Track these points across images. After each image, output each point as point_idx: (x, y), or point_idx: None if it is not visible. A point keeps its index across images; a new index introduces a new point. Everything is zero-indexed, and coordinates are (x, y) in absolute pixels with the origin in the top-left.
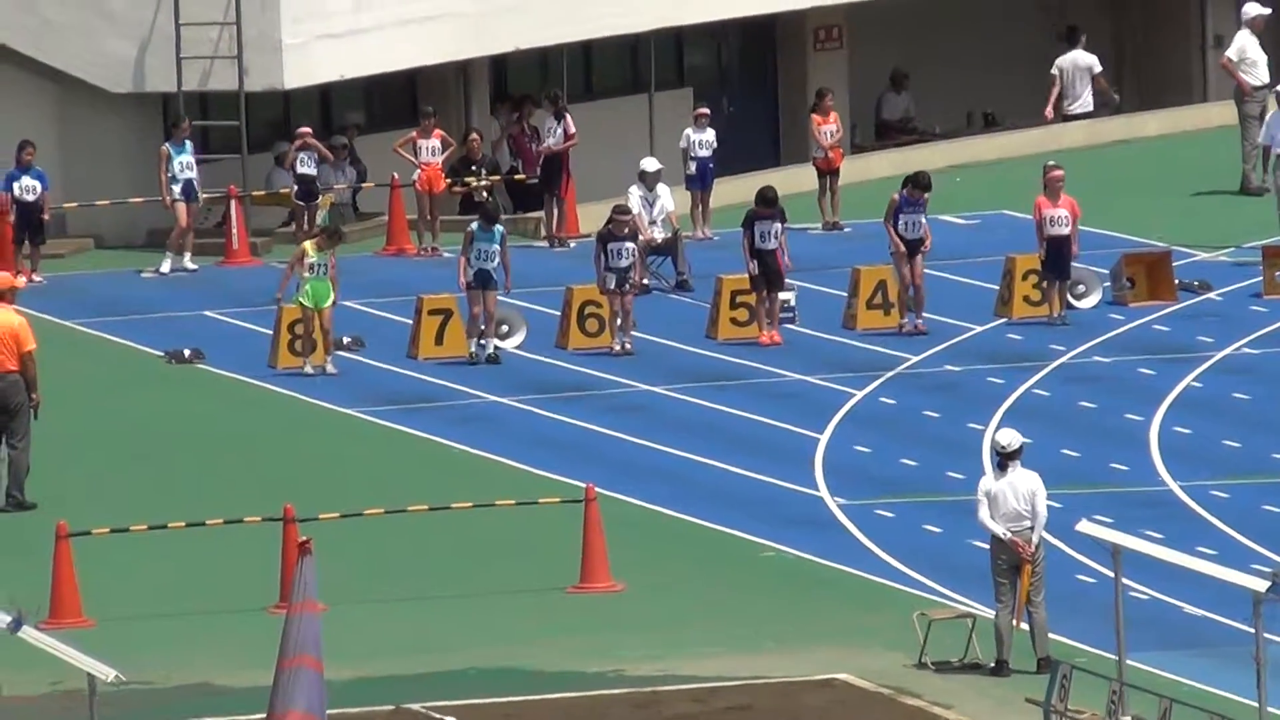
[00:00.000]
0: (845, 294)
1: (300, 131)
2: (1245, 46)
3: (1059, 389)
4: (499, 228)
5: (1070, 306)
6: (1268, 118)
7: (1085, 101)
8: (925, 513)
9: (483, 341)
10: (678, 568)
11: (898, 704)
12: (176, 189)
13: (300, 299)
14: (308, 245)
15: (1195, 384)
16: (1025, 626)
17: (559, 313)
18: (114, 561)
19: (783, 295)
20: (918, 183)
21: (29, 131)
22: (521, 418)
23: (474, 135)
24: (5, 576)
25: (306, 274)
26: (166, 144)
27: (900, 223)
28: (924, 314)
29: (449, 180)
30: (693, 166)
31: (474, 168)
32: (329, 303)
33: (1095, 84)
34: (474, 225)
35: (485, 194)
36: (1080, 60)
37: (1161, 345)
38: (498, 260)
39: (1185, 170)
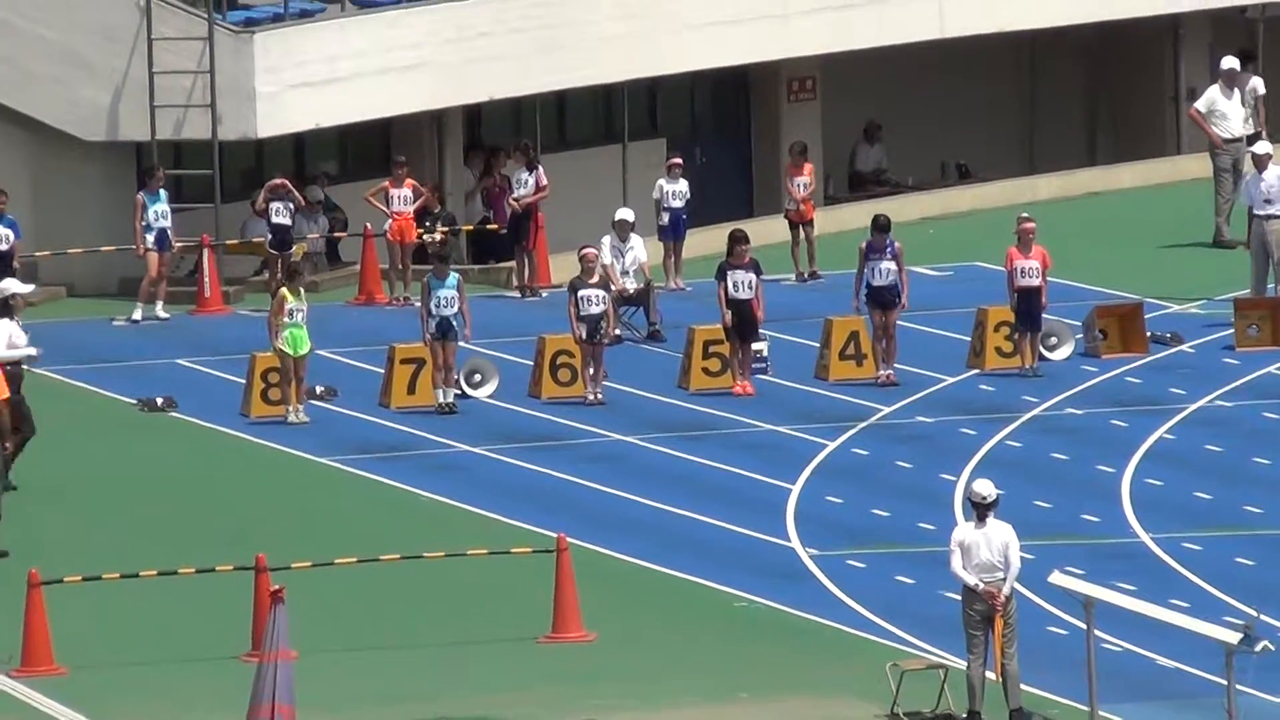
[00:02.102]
0: (818, 345)
1: (274, 182)
2: (1215, 99)
3: (1031, 440)
4: (454, 275)
5: (1042, 358)
6: (1246, 178)
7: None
8: (897, 563)
9: (443, 389)
10: (650, 618)
11: None
12: (150, 238)
13: (280, 345)
14: (286, 292)
15: (1167, 436)
16: (994, 677)
17: (531, 362)
18: (86, 609)
19: (756, 346)
20: (874, 224)
21: (1, 179)
22: (494, 467)
23: (426, 186)
24: None
25: (285, 319)
26: (141, 192)
27: (869, 269)
28: (896, 365)
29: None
30: (665, 217)
31: (428, 222)
32: (306, 350)
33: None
34: (428, 276)
35: (438, 244)
36: (1258, 86)
37: (1134, 397)
38: (457, 308)
39: (1158, 222)
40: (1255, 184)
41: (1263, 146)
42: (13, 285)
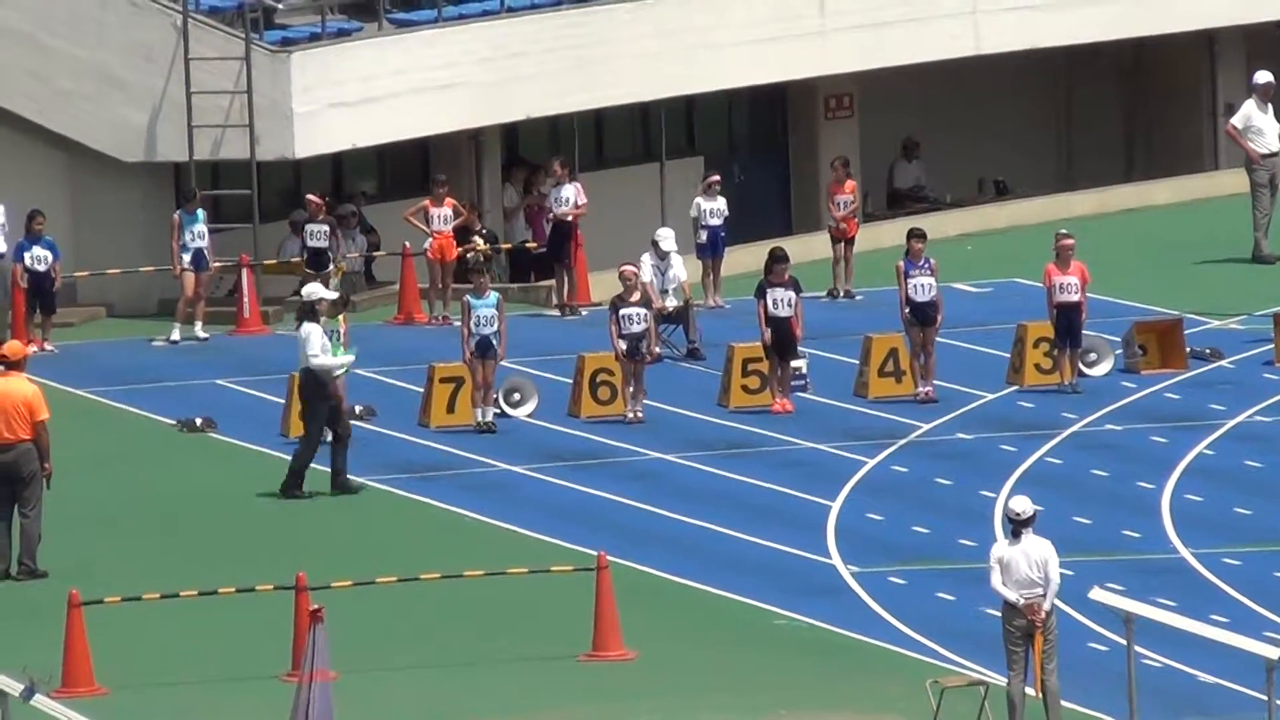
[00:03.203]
0: (857, 362)
1: (310, 199)
2: (1251, 114)
3: (1071, 457)
4: (494, 294)
5: (1082, 374)
6: None
7: None
8: (938, 580)
9: (483, 408)
10: (690, 636)
11: None
12: (187, 258)
13: None
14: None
15: (1207, 452)
16: (1035, 693)
17: (571, 380)
18: (126, 629)
19: (795, 363)
20: (911, 234)
21: (40, 201)
22: (534, 486)
23: (464, 205)
24: (18, 645)
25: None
26: (178, 212)
27: (910, 286)
28: (935, 382)
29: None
30: (704, 235)
31: (473, 237)
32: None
33: None
34: (468, 296)
35: (479, 258)
36: None
37: (1173, 413)
38: (496, 326)
39: (1196, 238)
40: None
41: None
42: (319, 290)
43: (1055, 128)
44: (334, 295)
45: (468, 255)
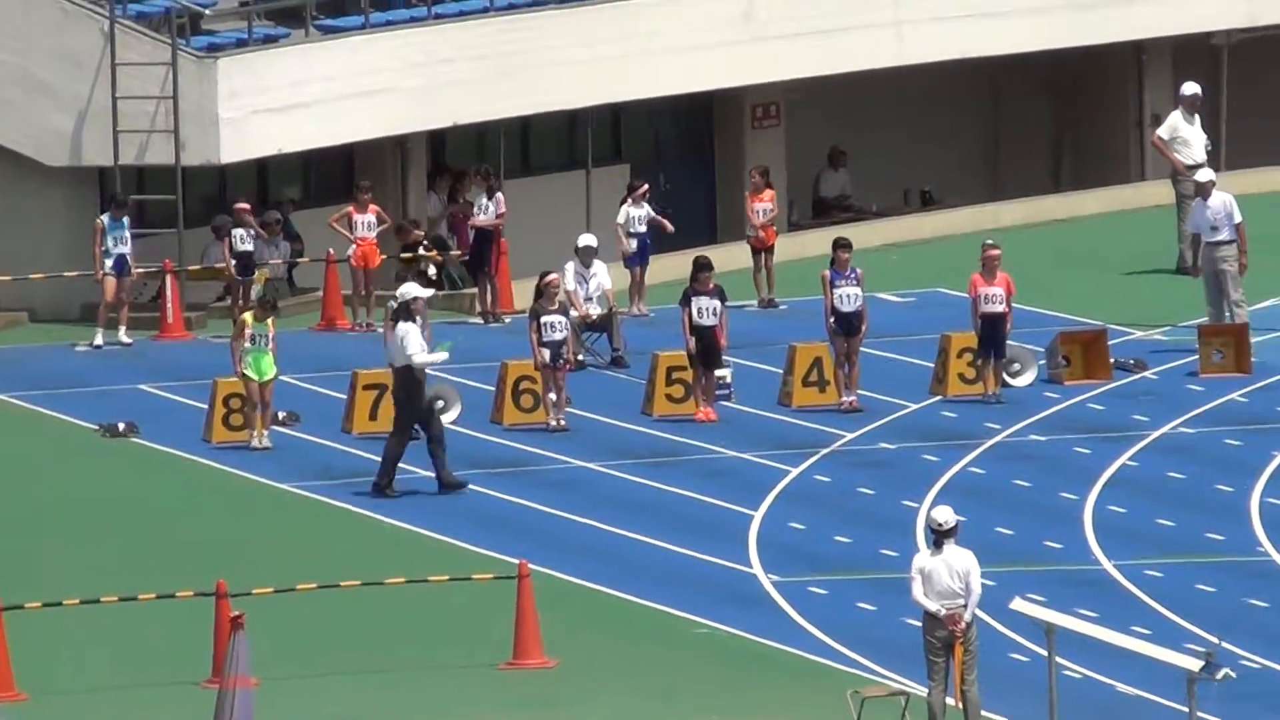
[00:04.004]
0: (781, 371)
1: (237, 207)
2: (1177, 125)
3: (993, 467)
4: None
5: (1005, 384)
6: (1192, 206)
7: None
8: (859, 590)
9: None
10: (611, 644)
11: None
12: (109, 263)
13: (245, 370)
14: (247, 316)
15: (1130, 463)
16: (955, 703)
17: (494, 388)
18: (47, 635)
19: (719, 372)
20: (836, 243)
21: None
22: (455, 493)
23: (409, 222)
24: None
25: (248, 345)
26: (104, 216)
27: (836, 296)
28: (859, 391)
29: (408, 256)
30: (633, 243)
31: (418, 247)
32: (271, 375)
33: None
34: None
35: (433, 267)
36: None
37: (1097, 424)
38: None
39: (1122, 249)
40: (1201, 211)
41: (1205, 174)
42: (414, 289)
43: (982, 138)
44: (429, 293)
45: (423, 266)
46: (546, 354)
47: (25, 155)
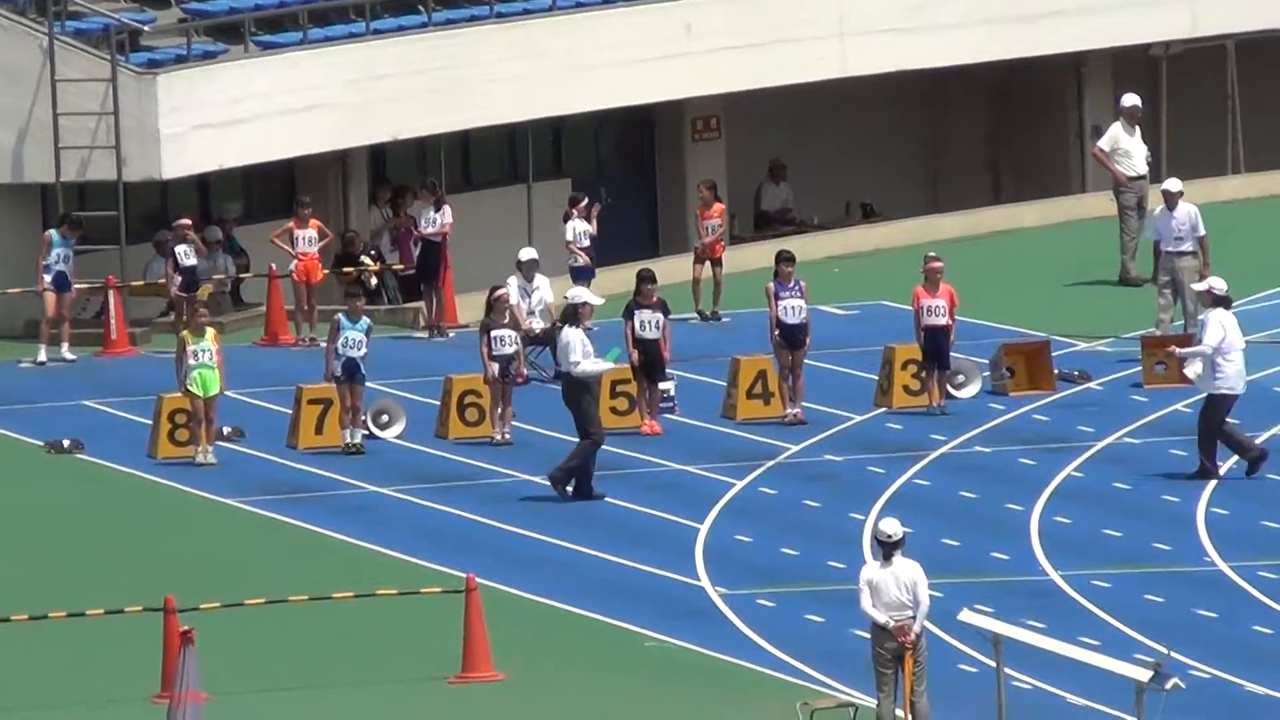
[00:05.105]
0: (725, 384)
1: (180, 223)
2: (1118, 137)
3: (939, 479)
4: (366, 320)
5: (950, 396)
6: (1154, 213)
7: None
8: (807, 602)
9: (351, 429)
10: (560, 657)
11: None
12: (48, 278)
13: (190, 387)
14: (186, 335)
15: (1076, 474)
16: (904, 715)
17: (439, 402)
18: None
19: (663, 385)
20: (779, 256)
21: None
22: (402, 507)
23: (352, 234)
24: None
25: (192, 361)
26: (52, 230)
27: (781, 308)
28: (803, 403)
29: (347, 270)
30: (581, 258)
31: (360, 257)
32: (216, 391)
33: None
34: (340, 315)
35: (374, 279)
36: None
37: (1042, 435)
38: (364, 351)
39: (1064, 260)
40: (1166, 220)
41: (1174, 184)
42: (583, 294)
43: (923, 150)
44: (599, 300)
45: (362, 278)
46: (496, 368)
47: None
